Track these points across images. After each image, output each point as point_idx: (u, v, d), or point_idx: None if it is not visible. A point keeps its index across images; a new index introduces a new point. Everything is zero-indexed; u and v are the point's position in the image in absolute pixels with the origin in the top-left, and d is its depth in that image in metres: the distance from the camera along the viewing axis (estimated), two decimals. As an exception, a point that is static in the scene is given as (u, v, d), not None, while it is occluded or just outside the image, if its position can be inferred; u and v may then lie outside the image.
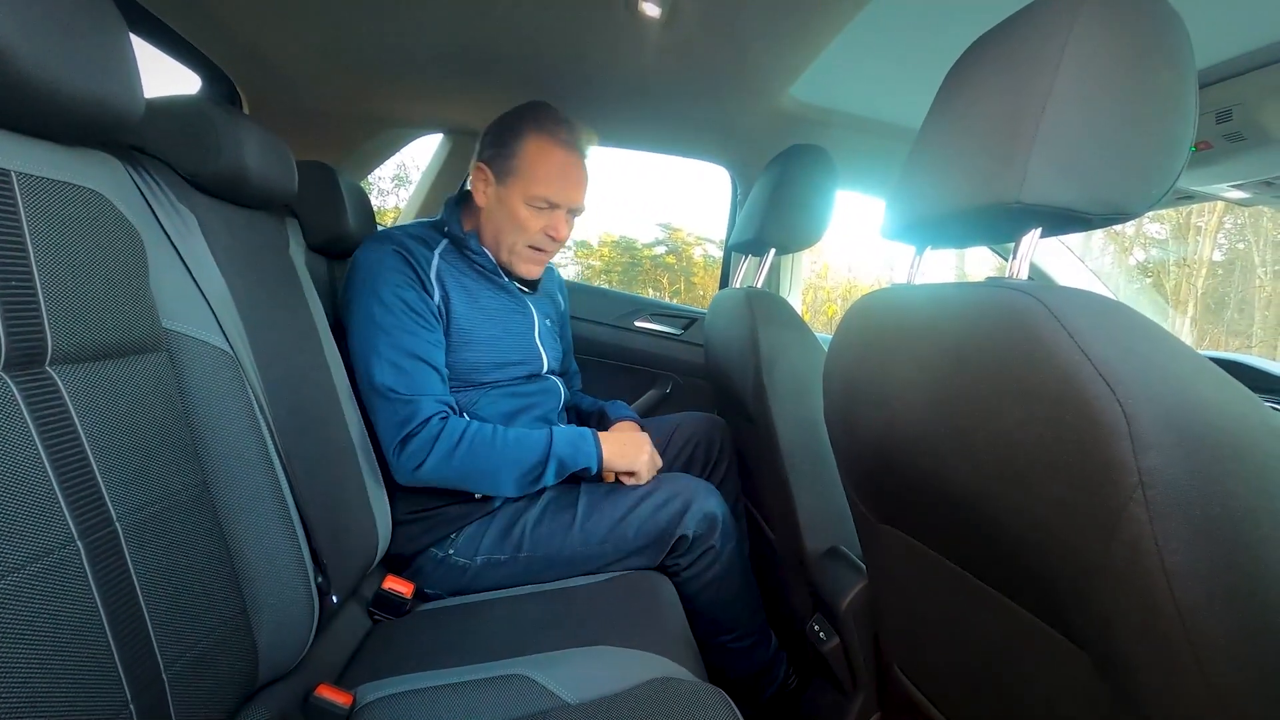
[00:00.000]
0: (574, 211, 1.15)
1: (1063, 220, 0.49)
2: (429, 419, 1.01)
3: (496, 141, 1.11)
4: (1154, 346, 0.41)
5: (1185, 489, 0.37)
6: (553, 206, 1.10)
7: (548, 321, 1.25)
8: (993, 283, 0.51)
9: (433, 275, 1.08)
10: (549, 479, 1.04)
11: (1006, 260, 1.57)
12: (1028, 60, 0.50)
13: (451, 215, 1.15)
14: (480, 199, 1.13)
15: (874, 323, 0.67)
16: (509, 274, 1.17)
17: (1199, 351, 0.44)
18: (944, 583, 0.63)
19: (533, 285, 1.21)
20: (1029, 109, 0.48)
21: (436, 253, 1.10)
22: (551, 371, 1.24)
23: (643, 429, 1.25)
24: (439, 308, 1.07)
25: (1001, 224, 0.53)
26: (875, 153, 1.47)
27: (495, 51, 1.20)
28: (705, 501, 1.05)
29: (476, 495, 1.06)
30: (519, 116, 1.11)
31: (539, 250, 1.13)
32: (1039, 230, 0.52)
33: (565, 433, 1.07)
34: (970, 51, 0.59)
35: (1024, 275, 0.52)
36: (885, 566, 0.76)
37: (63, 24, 0.53)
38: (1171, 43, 0.48)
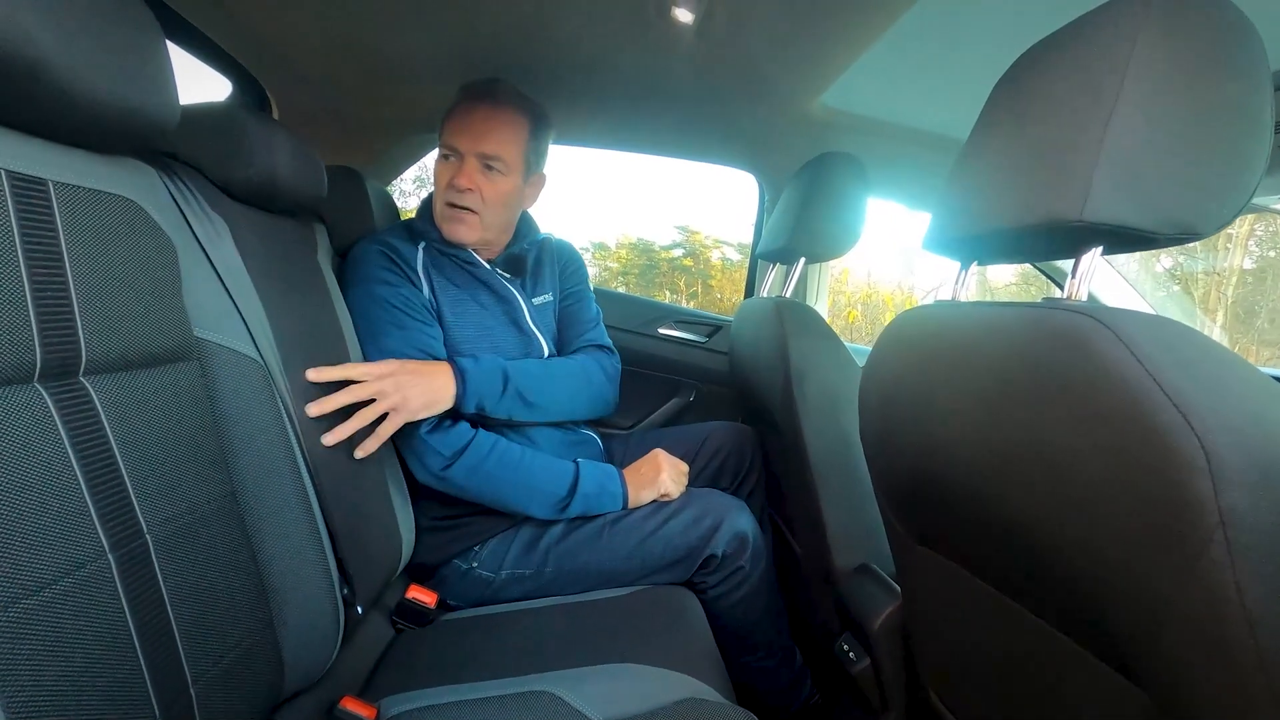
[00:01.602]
0: (485, 159, 1.06)
1: (1126, 239, 0.47)
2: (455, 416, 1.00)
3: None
4: (1229, 375, 0.39)
5: (1269, 529, 0.35)
6: (456, 154, 1.07)
7: (539, 300, 1.21)
8: (1049, 303, 0.49)
9: (419, 269, 1.08)
10: (572, 514, 1.04)
11: (1047, 273, 1.52)
12: (1089, 72, 0.48)
13: (423, 211, 1.14)
14: None
15: (916, 339, 0.65)
16: (480, 252, 1.14)
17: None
18: (987, 610, 0.61)
19: (516, 269, 1.17)
20: (1092, 123, 0.46)
21: (420, 248, 1.10)
22: (554, 359, 1.21)
23: (667, 441, 1.24)
24: (430, 301, 1.07)
25: (1058, 241, 0.51)
26: (908, 160, 1.44)
27: (523, 57, 1.20)
28: (736, 521, 1.03)
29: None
30: None
31: (452, 206, 1.08)
32: (1100, 249, 0.49)
33: (591, 471, 1.06)
34: (1022, 61, 0.57)
35: (1083, 296, 0.50)
36: (922, 589, 0.74)
37: (101, 33, 0.52)
38: (1245, 53, 0.45)
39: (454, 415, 1.01)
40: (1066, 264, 1.42)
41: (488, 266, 1.14)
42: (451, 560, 1.05)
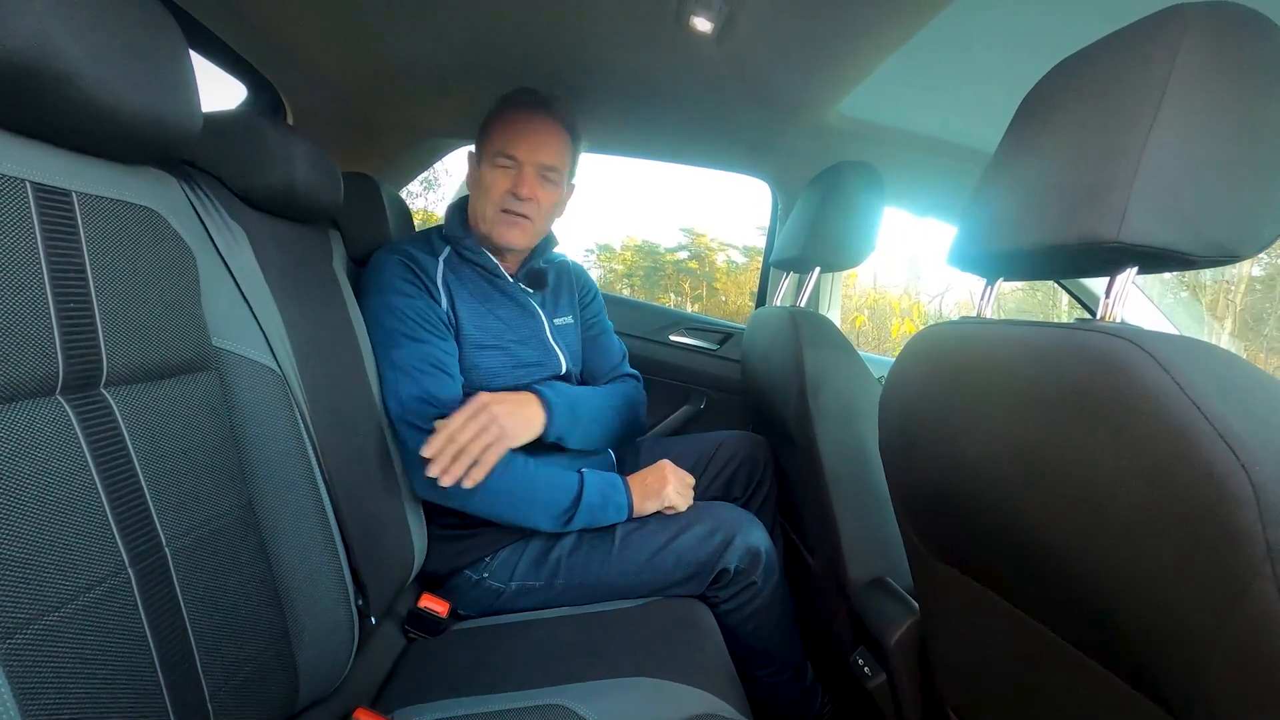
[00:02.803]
0: (544, 170, 1.08)
1: (1163, 260, 0.46)
2: None
3: (481, 129, 1.13)
4: (1276, 403, 0.38)
5: None
6: (515, 162, 1.07)
7: (560, 321, 1.21)
8: (1083, 324, 0.48)
9: (439, 281, 1.07)
10: (577, 525, 1.03)
11: (1069, 287, 1.49)
12: (1124, 88, 0.47)
13: (452, 217, 1.14)
14: (469, 185, 1.14)
15: (941, 356, 0.64)
16: (504, 264, 1.14)
17: None
18: (1011, 630, 0.60)
19: (537, 283, 1.18)
20: (1129, 141, 0.45)
21: (441, 259, 1.09)
22: (571, 375, 1.20)
23: (679, 449, 1.23)
24: (448, 315, 1.06)
25: (1091, 261, 0.50)
26: (923, 169, 1.43)
27: (540, 63, 1.19)
28: (749, 535, 1.02)
29: None
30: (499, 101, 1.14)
31: (508, 213, 1.08)
32: (1135, 269, 0.49)
33: (596, 481, 1.04)
34: (1053, 76, 0.56)
35: (1118, 317, 0.49)
36: (942, 606, 0.73)
37: (126, 44, 0.52)
38: None
39: None
40: (1089, 280, 1.41)
41: (510, 279, 1.14)
42: (462, 570, 1.04)
